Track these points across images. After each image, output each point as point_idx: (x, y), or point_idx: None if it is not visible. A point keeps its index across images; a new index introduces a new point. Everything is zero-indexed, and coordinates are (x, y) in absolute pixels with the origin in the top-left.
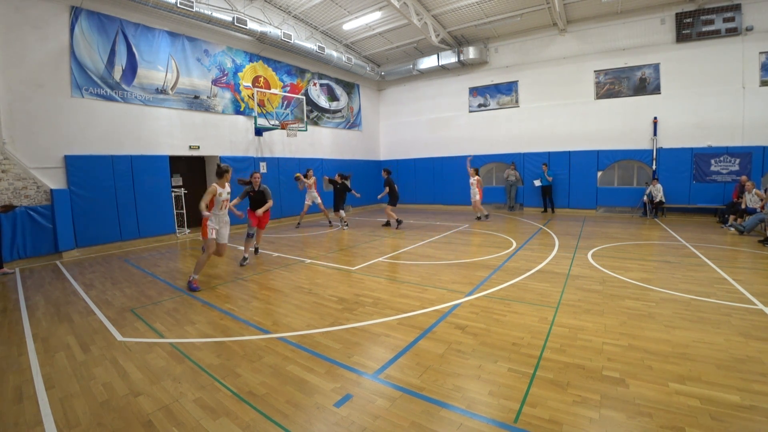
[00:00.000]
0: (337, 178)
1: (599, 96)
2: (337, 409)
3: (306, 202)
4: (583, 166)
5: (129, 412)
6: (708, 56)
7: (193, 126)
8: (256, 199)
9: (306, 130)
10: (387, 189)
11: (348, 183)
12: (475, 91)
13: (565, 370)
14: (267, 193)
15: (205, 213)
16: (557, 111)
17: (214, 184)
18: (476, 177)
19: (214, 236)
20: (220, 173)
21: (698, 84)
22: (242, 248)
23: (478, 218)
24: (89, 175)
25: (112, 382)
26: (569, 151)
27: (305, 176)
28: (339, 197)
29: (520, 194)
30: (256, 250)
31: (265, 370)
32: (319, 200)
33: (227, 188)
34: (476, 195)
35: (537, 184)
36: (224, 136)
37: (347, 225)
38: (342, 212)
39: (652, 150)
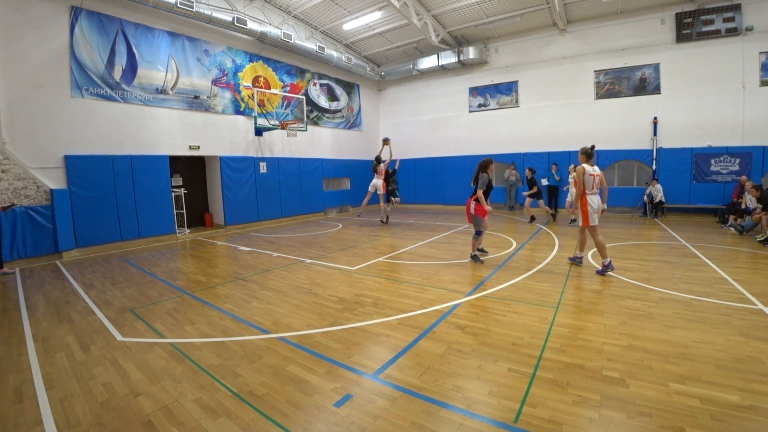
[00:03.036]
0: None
1: (599, 96)
2: (337, 409)
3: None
4: None
5: (129, 412)
6: (708, 56)
7: (193, 126)
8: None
9: (306, 130)
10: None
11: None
12: (475, 91)
13: (565, 370)
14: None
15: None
16: (557, 111)
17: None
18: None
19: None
20: (589, 154)
21: (698, 84)
22: (242, 248)
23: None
24: (89, 175)
25: (112, 382)
26: (569, 151)
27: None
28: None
29: (520, 194)
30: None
31: (265, 370)
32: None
33: (594, 169)
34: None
35: (544, 183)
36: (224, 136)
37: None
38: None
39: (652, 150)
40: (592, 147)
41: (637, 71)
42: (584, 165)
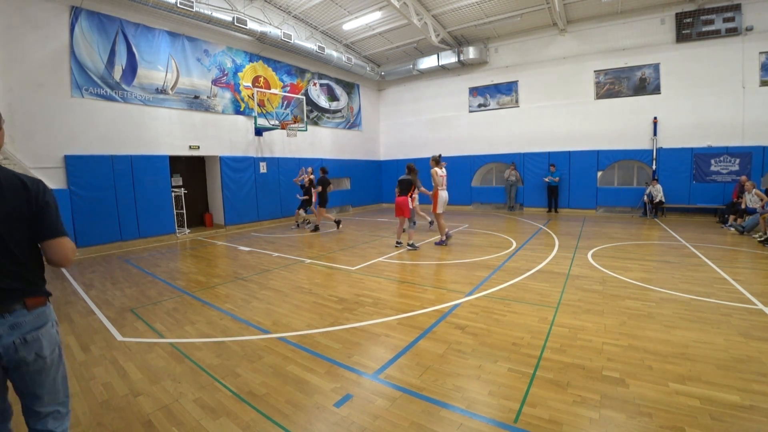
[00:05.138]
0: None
1: (599, 96)
2: (337, 409)
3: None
4: (583, 166)
5: (129, 412)
6: (708, 56)
7: (193, 126)
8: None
9: (306, 130)
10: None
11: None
12: (475, 91)
13: (565, 370)
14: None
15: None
16: (557, 111)
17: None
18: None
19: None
20: (437, 160)
21: (698, 84)
22: (242, 248)
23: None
24: (89, 175)
25: (112, 382)
26: (569, 151)
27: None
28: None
29: (520, 194)
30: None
31: (265, 370)
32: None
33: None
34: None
35: (547, 180)
36: (224, 136)
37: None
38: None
39: (652, 150)
40: (440, 155)
41: (637, 71)
42: (435, 168)
